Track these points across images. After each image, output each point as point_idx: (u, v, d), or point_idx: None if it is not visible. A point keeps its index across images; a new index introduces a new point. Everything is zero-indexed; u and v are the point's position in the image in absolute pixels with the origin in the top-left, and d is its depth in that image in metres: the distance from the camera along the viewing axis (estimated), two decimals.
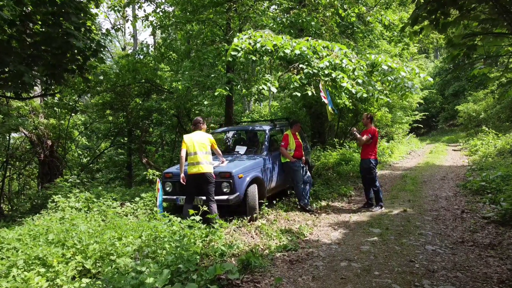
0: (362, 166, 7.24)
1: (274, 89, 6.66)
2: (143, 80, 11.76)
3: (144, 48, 11.29)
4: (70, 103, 10.41)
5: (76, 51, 6.40)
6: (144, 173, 8.04)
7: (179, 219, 4.97)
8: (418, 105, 21.69)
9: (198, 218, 4.77)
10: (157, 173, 7.53)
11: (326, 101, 6.89)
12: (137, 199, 7.15)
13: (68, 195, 6.55)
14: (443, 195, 8.26)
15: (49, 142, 11.09)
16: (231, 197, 5.88)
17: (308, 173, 7.46)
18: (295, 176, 7.16)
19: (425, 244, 5.19)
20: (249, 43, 6.49)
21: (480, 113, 21.90)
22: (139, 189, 8.47)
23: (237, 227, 5.93)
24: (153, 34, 10.90)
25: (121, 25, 34.30)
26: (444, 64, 36.03)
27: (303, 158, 7.41)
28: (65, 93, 10.21)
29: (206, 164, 5.74)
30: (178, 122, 12.30)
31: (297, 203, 7.27)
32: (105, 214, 6.12)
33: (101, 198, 6.70)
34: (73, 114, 12.26)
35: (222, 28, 9.29)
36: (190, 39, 8.99)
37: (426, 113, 28.20)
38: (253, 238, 5.46)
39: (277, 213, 6.74)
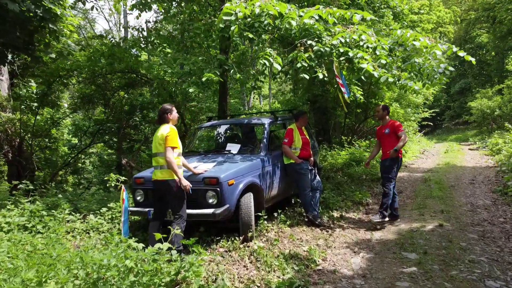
0: (382, 167, 5.80)
1: (278, 66, 5.21)
2: (126, 70, 10.29)
3: (132, 32, 9.83)
4: (36, 95, 8.95)
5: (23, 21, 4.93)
6: (106, 178, 6.50)
7: (141, 245, 3.51)
8: (426, 102, 20.23)
9: (166, 245, 3.31)
10: (123, 178, 6.04)
11: (343, 89, 5.45)
12: (103, 209, 5.69)
13: (9, 206, 5.08)
14: (480, 203, 6.80)
15: (17, 140, 9.61)
16: (219, 210, 4.41)
17: (318, 178, 5.99)
18: (301, 181, 5.70)
19: (483, 277, 3.76)
20: (245, 7, 5.04)
21: (495, 110, 20.45)
22: (119, 194, 7.00)
23: (226, 251, 4.48)
24: (138, 17, 9.45)
25: (114, 19, 32.81)
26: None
27: (311, 158, 5.95)
28: (35, 81, 8.78)
29: (162, 170, 4.30)
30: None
31: (304, 215, 5.83)
32: (54, 232, 4.66)
33: (53, 211, 5.22)
34: (54, 109, 10.80)
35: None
36: (174, 16, 7.55)
37: (436, 110, 26.72)
38: (247, 269, 3.99)
39: (279, 229, 5.28)
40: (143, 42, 9.21)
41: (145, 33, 9.21)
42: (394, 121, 5.78)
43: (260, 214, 5.05)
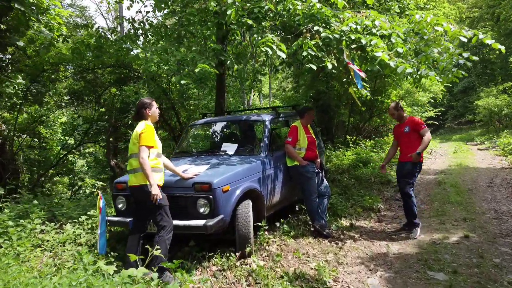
0: (401, 171, 5.08)
1: (282, 54, 4.51)
2: (118, 64, 9.60)
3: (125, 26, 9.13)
4: (21, 91, 8.26)
5: None
6: (79, 184, 5.77)
7: (112, 269, 2.83)
8: (431, 100, 19.47)
9: (141, 271, 2.64)
10: (100, 183, 5.33)
11: (361, 74, 4.77)
12: (82, 218, 5.00)
13: None
14: (504, 209, 6.12)
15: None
16: (211, 222, 3.72)
17: (325, 182, 5.29)
18: (307, 186, 5.01)
19: None
20: None
21: (503, 109, 19.75)
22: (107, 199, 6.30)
23: (220, 270, 3.80)
24: (129, 7, 8.76)
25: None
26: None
27: (318, 160, 5.26)
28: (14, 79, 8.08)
29: (137, 173, 3.64)
30: (160, 116, 10.09)
31: (310, 224, 5.15)
32: (19, 245, 3.99)
33: (21, 220, 4.53)
34: (42, 106, 10.09)
35: None
36: (166, 2, 6.85)
37: (442, 109, 26.01)
38: None
39: (282, 241, 4.59)
40: (134, 34, 8.52)
41: (136, 25, 8.52)
42: (413, 118, 5.06)
43: (260, 224, 4.37)
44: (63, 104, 9.94)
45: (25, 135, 9.56)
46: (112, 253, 3.98)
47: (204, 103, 12.83)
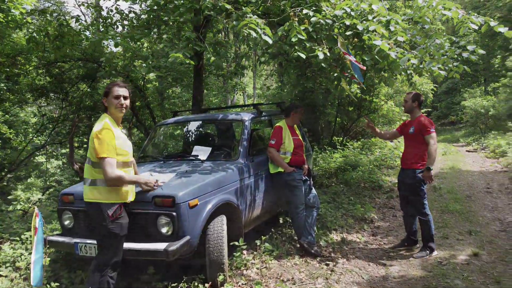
0: (403, 180, 4.39)
1: (268, 39, 3.79)
2: (85, 58, 8.70)
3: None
4: None
5: None
6: (12, 194, 4.84)
7: None
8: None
9: None
10: (36, 196, 4.49)
11: (359, 65, 4.07)
12: (27, 234, 4.18)
13: None
14: (509, 219, 5.53)
15: None
16: (174, 246, 2.97)
17: (314, 191, 4.57)
18: (292, 197, 4.29)
19: None
20: None
21: (489, 109, 19.49)
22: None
23: None
24: None
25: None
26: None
27: (305, 166, 4.54)
28: None
29: (92, 186, 2.83)
30: (133, 115, 9.28)
31: (297, 240, 4.44)
32: None
33: None
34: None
35: None
36: None
37: (429, 109, 25.75)
38: None
39: (263, 263, 3.86)
40: (104, 24, 7.68)
41: (104, 13, 7.68)
42: (423, 117, 4.28)
43: (236, 243, 3.63)
44: (26, 102, 9.00)
45: None
46: (52, 285, 3.20)
47: (183, 100, 12.02)
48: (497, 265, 3.92)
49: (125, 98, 2.87)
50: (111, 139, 2.74)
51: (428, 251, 4.24)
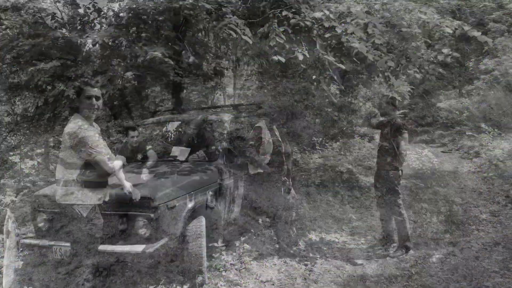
0: (378, 180, 4.49)
1: (247, 39, 3.81)
2: (61, 56, 8.49)
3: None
4: None
5: None
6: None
7: None
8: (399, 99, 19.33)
9: None
10: (9, 197, 4.38)
11: (337, 73, 4.13)
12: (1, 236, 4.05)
13: None
14: (483, 217, 5.71)
15: None
16: (152, 247, 2.94)
17: (293, 192, 4.60)
18: (272, 197, 4.31)
19: None
20: None
21: (464, 111, 20.05)
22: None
23: None
24: None
25: None
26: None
27: (285, 166, 4.56)
28: None
29: (66, 187, 2.76)
30: (111, 115, 9.13)
31: (276, 240, 4.45)
32: None
33: None
34: None
35: None
36: None
37: (405, 111, 26.25)
38: None
39: (242, 264, 3.87)
40: (81, 21, 7.52)
41: (81, 11, 7.52)
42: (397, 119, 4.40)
43: (216, 244, 3.63)
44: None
45: None
46: None
47: (163, 99, 11.88)
48: (469, 262, 4.04)
49: (97, 98, 2.83)
50: (91, 137, 2.72)
51: (404, 250, 4.33)
